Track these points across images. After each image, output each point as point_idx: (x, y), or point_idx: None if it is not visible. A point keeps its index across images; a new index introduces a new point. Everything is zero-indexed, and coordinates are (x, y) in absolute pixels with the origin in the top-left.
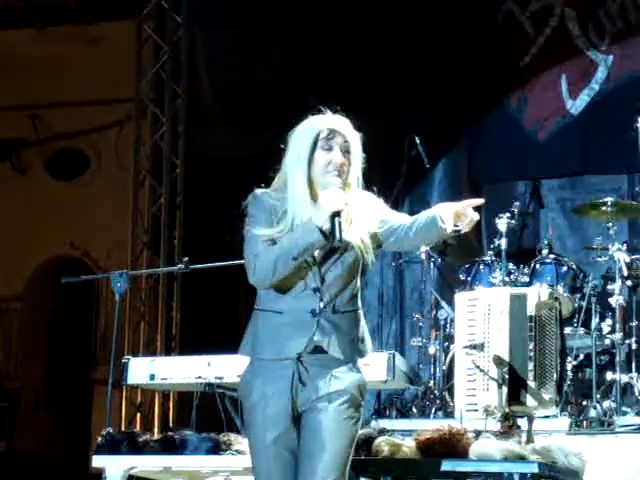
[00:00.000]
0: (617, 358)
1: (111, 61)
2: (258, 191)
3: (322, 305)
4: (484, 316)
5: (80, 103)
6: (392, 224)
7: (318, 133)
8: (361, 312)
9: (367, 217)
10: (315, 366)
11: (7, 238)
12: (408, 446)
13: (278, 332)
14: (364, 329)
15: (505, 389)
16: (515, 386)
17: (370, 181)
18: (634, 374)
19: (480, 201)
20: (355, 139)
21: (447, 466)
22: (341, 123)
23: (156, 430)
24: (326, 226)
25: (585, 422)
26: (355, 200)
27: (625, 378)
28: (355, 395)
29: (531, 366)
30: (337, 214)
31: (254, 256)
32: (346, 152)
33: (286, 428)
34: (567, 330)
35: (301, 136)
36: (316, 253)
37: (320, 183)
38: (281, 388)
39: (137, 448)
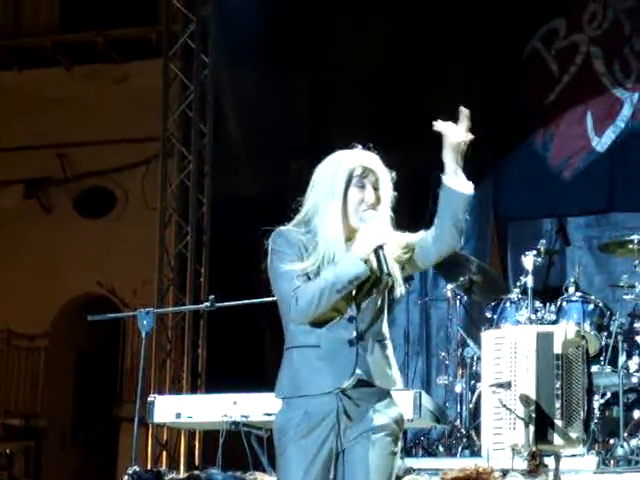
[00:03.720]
0: None
1: (138, 100)
2: (283, 228)
3: (358, 334)
4: (510, 354)
5: (107, 142)
6: (413, 239)
7: (352, 170)
8: (389, 341)
9: (395, 249)
10: (360, 399)
11: (35, 276)
12: None
13: (317, 367)
14: (393, 358)
15: (532, 428)
16: (542, 425)
17: (396, 219)
18: None
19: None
20: (385, 176)
21: None
22: (373, 160)
23: (182, 468)
24: (369, 258)
25: (612, 461)
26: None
27: None
28: (396, 429)
29: (558, 404)
30: (381, 247)
31: (294, 291)
32: (376, 189)
33: (324, 463)
34: (594, 368)
35: (334, 171)
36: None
37: (352, 219)
38: (325, 424)
39: None
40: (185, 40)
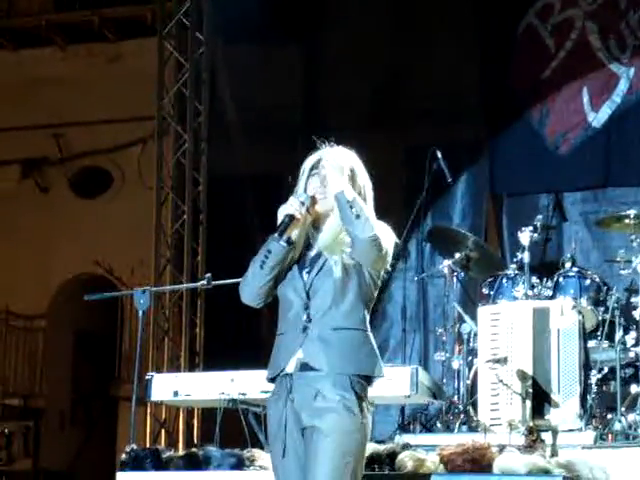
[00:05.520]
0: None
1: (133, 79)
2: None
3: (309, 320)
4: (507, 330)
5: (103, 121)
6: None
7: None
8: (364, 333)
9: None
10: (303, 383)
11: (31, 256)
12: (432, 461)
13: (278, 351)
14: (367, 349)
15: (529, 403)
16: (539, 400)
17: (394, 196)
18: None
19: None
20: (330, 161)
21: None
22: (323, 153)
23: (180, 446)
24: (293, 237)
25: (610, 435)
26: (338, 225)
27: None
28: (344, 410)
29: (555, 380)
30: (291, 217)
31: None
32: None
33: (292, 441)
34: (591, 343)
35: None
36: (305, 274)
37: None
38: (280, 405)
39: (161, 464)
40: (180, 18)
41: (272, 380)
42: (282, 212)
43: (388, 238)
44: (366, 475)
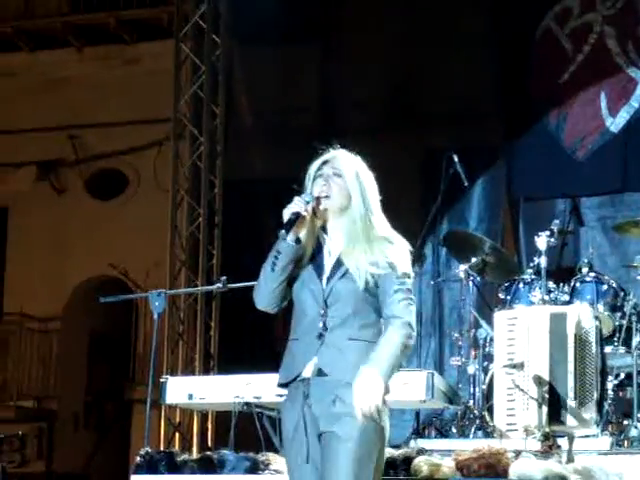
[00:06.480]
0: None
1: (149, 81)
2: None
3: (325, 328)
4: (524, 335)
5: (119, 123)
6: (382, 286)
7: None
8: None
9: (370, 255)
10: (320, 388)
11: (46, 258)
12: (447, 466)
13: (292, 357)
14: None
15: (545, 408)
16: (555, 405)
17: (409, 199)
18: None
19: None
20: (340, 163)
21: None
22: (330, 155)
23: (195, 450)
24: (301, 238)
25: (626, 441)
26: (352, 227)
27: None
28: (362, 415)
29: (571, 385)
30: (296, 214)
31: None
32: (332, 175)
33: (309, 446)
34: (607, 349)
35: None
36: (325, 280)
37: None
38: (296, 410)
39: (175, 468)
40: (196, 20)
41: (284, 385)
42: (287, 212)
43: (406, 263)
44: None
